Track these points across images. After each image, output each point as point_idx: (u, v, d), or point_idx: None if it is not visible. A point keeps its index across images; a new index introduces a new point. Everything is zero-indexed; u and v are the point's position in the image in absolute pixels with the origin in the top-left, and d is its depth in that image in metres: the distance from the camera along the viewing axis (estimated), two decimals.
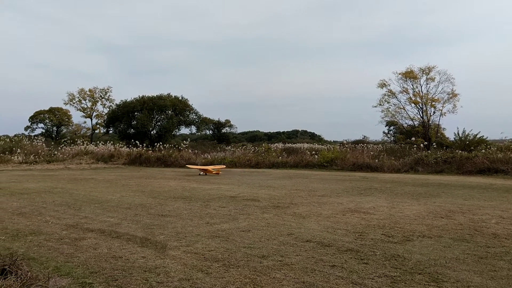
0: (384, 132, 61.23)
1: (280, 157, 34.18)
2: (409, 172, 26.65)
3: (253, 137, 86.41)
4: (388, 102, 45.42)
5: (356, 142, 43.51)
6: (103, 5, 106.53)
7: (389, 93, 45.11)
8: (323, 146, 40.87)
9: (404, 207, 11.66)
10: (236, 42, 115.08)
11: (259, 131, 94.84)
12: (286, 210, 11.00)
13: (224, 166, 29.05)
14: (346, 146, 38.83)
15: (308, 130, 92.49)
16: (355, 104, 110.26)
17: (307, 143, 50.11)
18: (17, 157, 35.71)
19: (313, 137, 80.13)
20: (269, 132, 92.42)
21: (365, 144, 39.09)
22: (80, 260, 6.25)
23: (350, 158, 30.73)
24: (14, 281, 4.54)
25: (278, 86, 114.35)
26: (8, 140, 42.61)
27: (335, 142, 55.18)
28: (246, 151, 39.13)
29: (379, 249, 6.93)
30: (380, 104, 45.66)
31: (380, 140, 53.42)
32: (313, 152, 34.76)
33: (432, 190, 15.92)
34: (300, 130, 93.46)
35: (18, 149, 37.63)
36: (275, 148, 39.69)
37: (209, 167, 26.42)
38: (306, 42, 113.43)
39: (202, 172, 25.22)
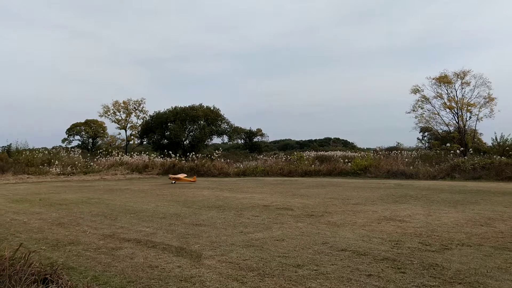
0: (418, 139, 60.18)
1: (313, 166, 34.00)
2: (446, 178, 26.08)
3: (285, 146, 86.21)
4: (421, 108, 44.59)
5: (390, 149, 42.89)
6: (137, 19, 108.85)
7: (422, 99, 44.32)
8: (356, 154, 40.35)
9: (441, 214, 11.41)
10: (267, 51, 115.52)
11: (291, 140, 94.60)
12: (320, 219, 10.92)
13: (195, 177, 28.90)
14: (380, 153, 38.31)
15: (341, 138, 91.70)
16: (388, 111, 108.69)
17: (339, 150, 49.67)
18: (55, 169, 36.71)
19: (346, 145, 79.35)
20: (301, 140, 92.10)
21: (399, 151, 38.46)
22: (117, 270, 6.36)
23: (384, 165, 30.33)
24: None
25: (310, 94, 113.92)
26: (46, 152, 43.85)
27: (368, 149, 54.46)
28: (278, 159, 39.11)
29: (416, 258, 6.80)
30: (413, 110, 44.88)
31: (414, 146, 52.46)
32: (346, 160, 34.42)
33: (470, 197, 15.53)
34: (332, 137, 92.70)
35: (56, 161, 38.67)
36: (307, 156, 39.51)
37: (181, 176, 27.54)
38: (338, 50, 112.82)
39: (173, 181, 26.16)
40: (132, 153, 48.40)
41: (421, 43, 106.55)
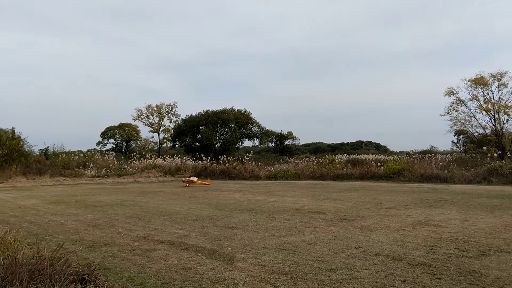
0: (453, 142, 58.66)
1: (345, 169, 33.68)
2: (482, 183, 25.41)
3: (316, 149, 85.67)
4: (456, 111, 43.58)
5: (423, 152, 42.09)
6: (169, 25, 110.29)
7: (457, 101, 43.31)
8: (388, 157, 39.77)
9: (478, 220, 11.13)
10: (298, 55, 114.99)
11: (322, 143, 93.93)
12: (353, 223, 10.81)
13: (209, 181, 28.87)
14: (413, 156, 37.66)
15: (373, 141, 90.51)
16: (421, 114, 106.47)
17: (372, 154, 49.03)
18: (90, 171, 37.54)
19: (378, 148, 78.31)
20: (333, 143, 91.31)
21: (433, 154, 37.72)
22: (152, 271, 6.45)
23: (417, 169, 29.78)
24: None
25: (341, 97, 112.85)
26: (82, 155, 44.88)
27: (401, 152, 53.55)
28: (310, 163, 38.89)
29: (452, 264, 6.65)
30: (448, 113, 43.90)
31: (449, 150, 51.21)
32: (379, 163, 33.94)
33: (509, 202, 15.09)
34: (364, 141, 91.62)
35: (91, 164, 39.54)
36: (339, 159, 39.13)
37: (194, 179, 27.59)
38: (369, 53, 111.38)
39: (187, 184, 26.17)
40: (164, 156, 49.05)
41: (455, 44, 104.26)
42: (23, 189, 26.07)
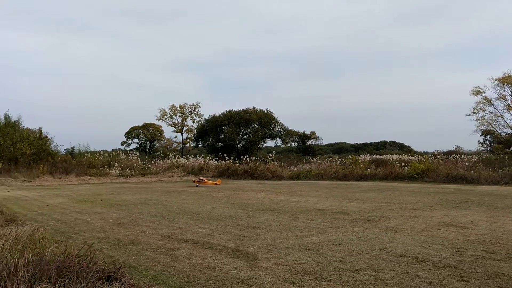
0: (479, 142, 57.66)
1: (368, 169, 33.40)
2: (510, 184, 24.88)
3: (339, 149, 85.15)
4: (483, 110, 42.92)
5: (449, 152, 41.42)
6: (191, 26, 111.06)
7: (484, 101, 42.63)
8: (413, 157, 39.25)
9: (506, 221, 10.91)
10: (321, 54, 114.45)
11: (345, 143, 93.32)
12: (377, 224, 10.72)
13: (219, 181, 28.83)
14: (438, 157, 37.08)
15: (397, 141, 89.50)
16: (446, 113, 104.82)
17: (396, 154, 48.44)
18: (115, 171, 38.06)
19: (402, 148, 77.34)
20: (356, 143, 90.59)
21: (458, 155, 37.08)
22: (176, 270, 6.51)
23: (443, 169, 29.34)
24: (118, 287, 4.83)
25: (364, 97, 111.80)
26: (106, 154, 45.54)
27: (425, 153, 52.83)
28: (333, 163, 38.66)
29: (480, 266, 6.53)
30: (474, 113, 43.24)
31: (475, 150, 50.35)
32: (403, 164, 33.53)
33: None
34: (388, 141, 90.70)
35: (116, 163, 40.08)
36: (362, 160, 38.78)
37: (204, 178, 27.55)
38: (393, 52, 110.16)
39: (197, 185, 25.99)
40: (187, 155, 49.37)
41: (482, 42, 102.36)
42: (50, 187, 26.59)
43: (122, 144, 72.74)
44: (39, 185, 28.79)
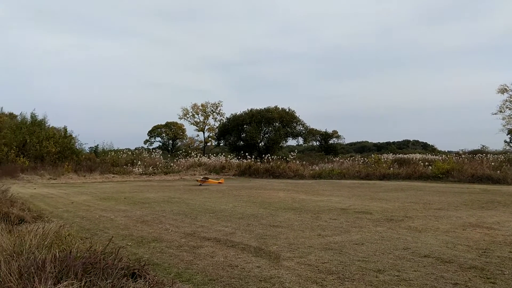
0: (505, 141, 56.41)
1: (391, 168, 33.04)
2: None
3: (362, 148, 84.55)
4: (510, 109, 41.94)
5: (474, 152, 40.69)
6: (214, 25, 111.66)
7: (511, 99, 41.66)
8: (437, 157, 38.69)
9: None
10: (343, 53, 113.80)
11: (368, 142, 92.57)
12: (400, 224, 10.60)
13: (222, 180, 28.49)
14: (463, 156, 36.49)
15: (420, 140, 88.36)
16: (471, 112, 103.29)
17: (419, 153, 47.82)
18: (138, 169, 38.48)
19: (425, 147, 76.36)
20: (378, 142, 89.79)
21: (484, 154, 36.40)
22: (199, 267, 6.55)
23: (468, 169, 28.83)
24: (143, 284, 4.89)
25: (387, 96, 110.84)
26: (130, 153, 46.08)
27: (449, 152, 52.07)
28: (355, 162, 38.39)
29: (507, 268, 6.41)
30: (500, 111, 42.35)
31: (501, 149, 49.30)
32: (426, 163, 33.10)
33: None
34: (411, 140, 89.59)
35: (139, 161, 40.52)
36: (385, 159, 38.41)
37: (210, 178, 27.19)
38: (415, 51, 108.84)
39: (200, 184, 25.68)
40: (209, 154, 49.60)
41: (507, 40, 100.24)
42: (74, 185, 27.03)
43: (145, 142, 73.53)
44: (64, 183, 29.29)
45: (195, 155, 47.18)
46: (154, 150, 52.48)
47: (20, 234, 7.10)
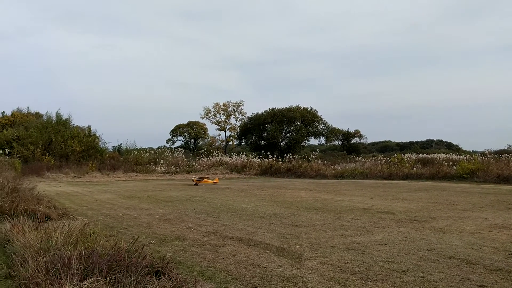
0: None
1: (414, 168, 32.63)
2: None
3: (384, 148, 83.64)
4: None
5: (500, 152, 39.81)
6: (236, 24, 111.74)
7: None
8: (461, 157, 38.04)
9: None
10: (367, 52, 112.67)
11: (390, 141, 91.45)
12: (424, 224, 10.47)
13: (217, 179, 28.03)
14: (488, 156, 35.78)
15: (444, 140, 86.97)
16: (497, 111, 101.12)
17: (443, 153, 47.11)
18: (160, 168, 38.84)
19: (449, 147, 75.10)
20: (401, 142, 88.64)
21: (510, 154, 35.65)
22: (221, 266, 6.58)
23: (493, 169, 28.26)
24: (166, 282, 4.93)
25: (410, 95, 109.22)
26: (152, 152, 46.55)
27: (474, 152, 51.11)
28: (377, 162, 38.02)
29: None
30: None
31: None
32: (451, 163, 32.58)
33: None
34: (435, 139, 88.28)
35: (161, 160, 40.89)
36: (408, 158, 37.95)
37: (205, 178, 26.76)
38: (441, 48, 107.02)
39: (195, 183, 25.26)
40: (231, 153, 49.76)
41: None
42: (98, 183, 27.43)
43: (167, 141, 74.23)
44: (88, 181, 29.75)
45: (216, 154, 47.38)
46: (176, 149, 52.87)
47: (47, 231, 7.24)
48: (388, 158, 39.10)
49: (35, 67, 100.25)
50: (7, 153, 33.23)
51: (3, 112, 51.76)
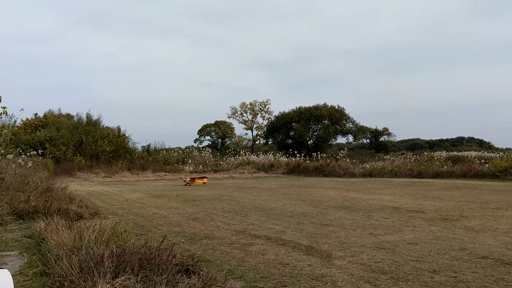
0: None
1: (445, 166, 32.06)
2: None
3: (413, 145, 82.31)
4: None
5: None
6: (261, 23, 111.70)
7: None
8: (494, 154, 37.14)
9: None
10: (393, 48, 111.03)
11: (419, 139, 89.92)
12: (456, 223, 10.27)
13: (206, 180, 26.94)
14: None
15: (475, 137, 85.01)
16: None
17: (474, 150, 46.11)
18: (188, 167, 39.20)
19: (481, 144, 73.37)
20: (431, 139, 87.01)
21: None
22: (250, 265, 6.60)
23: None
24: (197, 280, 4.98)
25: (439, 91, 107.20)
26: (180, 151, 47.02)
27: (508, 149, 49.88)
28: (407, 160, 37.50)
29: None
30: None
31: None
32: (483, 161, 31.86)
33: None
34: (466, 137, 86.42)
35: (189, 160, 41.26)
36: (438, 156, 37.30)
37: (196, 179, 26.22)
38: (471, 45, 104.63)
39: (188, 183, 24.78)
40: (258, 152, 49.82)
41: None
42: (128, 183, 27.86)
43: (195, 141, 74.74)
44: (118, 181, 30.25)
45: (243, 154, 47.51)
46: (204, 149, 53.23)
47: (79, 230, 7.39)
48: (417, 156, 38.52)
49: (65, 69, 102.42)
50: (40, 153, 34.00)
51: (36, 113, 53.03)
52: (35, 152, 31.34)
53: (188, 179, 25.67)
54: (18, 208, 11.31)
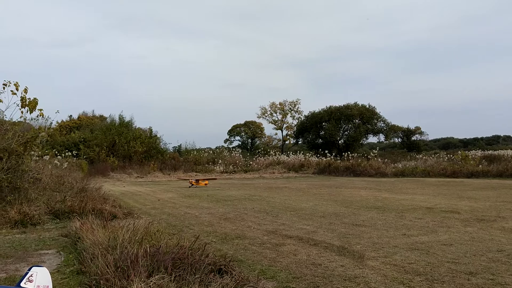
0: None
1: (480, 166, 31.30)
2: None
3: (446, 144, 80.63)
4: None
5: None
6: (291, 23, 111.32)
7: None
8: None
9: None
10: (425, 46, 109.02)
11: (453, 138, 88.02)
12: (493, 224, 10.01)
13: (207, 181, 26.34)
14: None
15: None
16: None
17: (511, 149, 44.84)
18: (219, 167, 39.49)
19: None
20: (465, 138, 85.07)
21: None
22: (282, 265, 6.59)
23: None
24: (229, 280, 5.01)
25: (473, 89, 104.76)
26: (211, 152, 47.39)
27: None
28: (440, 159, 36.78)
29: None
30: None
31: None
32: None
33: None
34: (502, 135, 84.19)
35: (220, 160, 41.54)
36: (473, 155, 36.46)
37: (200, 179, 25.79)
38: (505, 41, 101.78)
39: (191, 185, 24.22)
40: (288, 152, 49.72)
41: None
42: (160, 183, 28.23)
43: (225, 141, 75.11)
44: (150, 181, 30.69)
45: (273, 154, 47.50)
46: (234, 149, 53.56)
47: (113, 229, 7.53)
48: (451, 155, 37.74)
49: (98, 72, 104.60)
50: (75, 154, 34.82)
51: (71, 115, 54.38)
52: (69, 153, 32.14)
53: (194, 181, 25.72)
54: (55, 207, 11.62)
